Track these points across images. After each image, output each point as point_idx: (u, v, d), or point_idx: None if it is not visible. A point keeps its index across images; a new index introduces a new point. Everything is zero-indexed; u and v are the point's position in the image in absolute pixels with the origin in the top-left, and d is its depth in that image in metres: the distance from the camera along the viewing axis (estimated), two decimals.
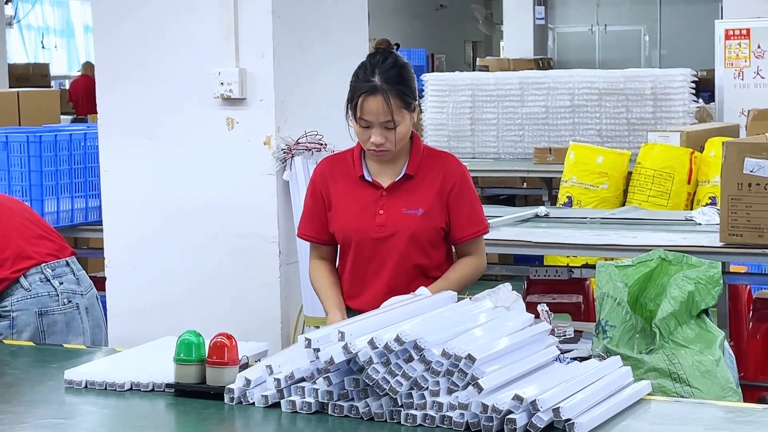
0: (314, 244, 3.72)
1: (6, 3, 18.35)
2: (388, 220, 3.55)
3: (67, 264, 4.14)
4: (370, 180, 3.60)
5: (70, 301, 4.06)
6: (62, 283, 4.07)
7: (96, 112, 4.87)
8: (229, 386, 2.91)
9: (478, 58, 21.36)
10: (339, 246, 3.68)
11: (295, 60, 4.63)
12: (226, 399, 2.91)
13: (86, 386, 3.10)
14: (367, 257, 3.58)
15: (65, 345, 3.84)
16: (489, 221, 5.55)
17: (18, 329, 3.97)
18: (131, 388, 3.07)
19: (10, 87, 12.61)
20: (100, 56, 4.84)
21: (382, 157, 3.56)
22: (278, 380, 2.85)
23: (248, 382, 2.89)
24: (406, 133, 3.54)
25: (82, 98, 15.65)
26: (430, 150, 3.65)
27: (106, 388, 3.07)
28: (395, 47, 3.64)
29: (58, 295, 4.03)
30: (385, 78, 3.47)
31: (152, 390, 3.05)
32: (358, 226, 3.57)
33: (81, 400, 3.04)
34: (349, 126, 3.57)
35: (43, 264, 4.06)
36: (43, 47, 22.34)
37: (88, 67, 16.47)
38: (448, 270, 3.60)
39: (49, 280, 4.04)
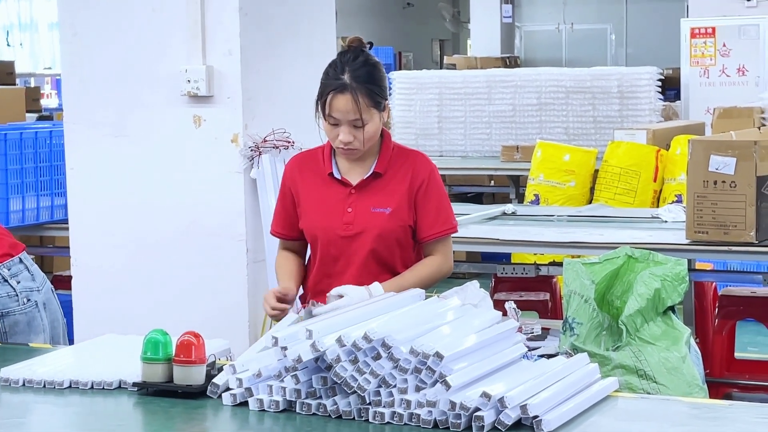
0: (282, 240, 3.72)
1: None
2: (356, 218, 3.55)
3: (21, 261, 4.06)
4: (339, 178, 3.59)
5: (29, 300, 3.99)
6: (19, 282, 4.00)
7: None
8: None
9: (445, 57, 21.37)
10: (308, 243, 3.68)
11: (263, 58, 4.62)
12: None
13: (24, 384, 3.08)
14: (335, 255, 3.57)
15: (31, 344, 3.81)
16: (457, 219, 5.58)
17: None
18: (70, 386, 3.05)
19: None
20: (66, 54, 4.81)
21: (351, 156, 3.55)
22: (240, 380, 2.84)
23: (217, 387, 2.89)
24: (375, 132, 3.53)
25: None
26: (400, 148, 3.64)
27: (44, 386, 3.06)
28: (368, 46, 3.63)
29: (17, 295, 3.97)
30: (355, 76, 3.46)
31: (92, 388, 3.04)
32: (325, 223, 3.57)
33: (42, 399, 3.02)
34: (318, 124, 3.56)
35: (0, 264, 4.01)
36: (8, 45, 22.19)
37: None
38: (409, 268, 3.60)
39: (7, 281, 3.98)
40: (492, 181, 10.57)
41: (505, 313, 3.18)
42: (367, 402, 2.69)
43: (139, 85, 4.67)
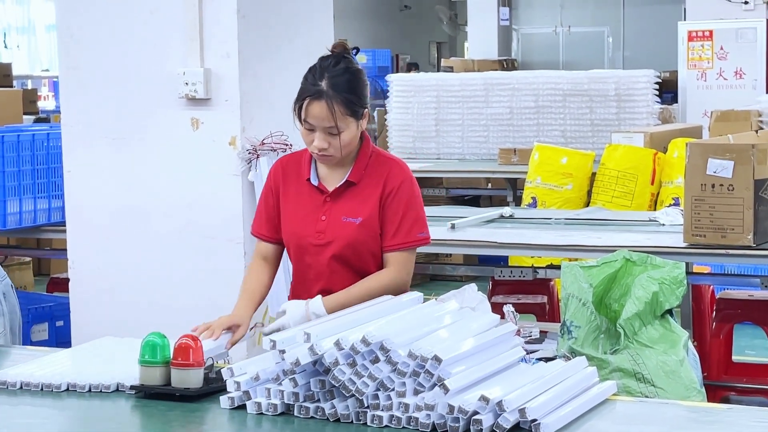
0: (261, 243, 3.63)
1: None
2: (328, 227, 3.49)
3: None
4: (317, 184, 3.55)
5: None
6: None
7: None
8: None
9: (442, 59, 21.37)
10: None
11: (261, 60, 4.62)
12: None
13: (21, 387, 3.08)
14: (308, 262, 3.51)
15: (27, 347, 3.83)
16: (454, 222, 5.57)
17: None
18: (68, 389, 3.05)
19: None
20: (64, 56, 4.81)
21: (327, 162, 3.50)
22: (238, 383, 2.84)
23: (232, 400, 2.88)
24: (351, 139, 3.46)
25: None
26: (378, 155, 3.56)
27: (42, 389, 3.06)
28: (354, 50, 3.57)
29: None
30: (333, 84, 3.39)
31: (89, 391, 3.04)
32: (299, 230, 3.52)
33: (39, 401, 3.01)
34: (296, 127, 3.51)
35: None
36: (5, 47, 22.17)
37: None
38: (358, 282, 3.49)
39: None
40: (489, 184, 10.56)
41: (502, 317, 3.18)
42: (365, 405, 2.69)
43: (137, 88, 4.67)
